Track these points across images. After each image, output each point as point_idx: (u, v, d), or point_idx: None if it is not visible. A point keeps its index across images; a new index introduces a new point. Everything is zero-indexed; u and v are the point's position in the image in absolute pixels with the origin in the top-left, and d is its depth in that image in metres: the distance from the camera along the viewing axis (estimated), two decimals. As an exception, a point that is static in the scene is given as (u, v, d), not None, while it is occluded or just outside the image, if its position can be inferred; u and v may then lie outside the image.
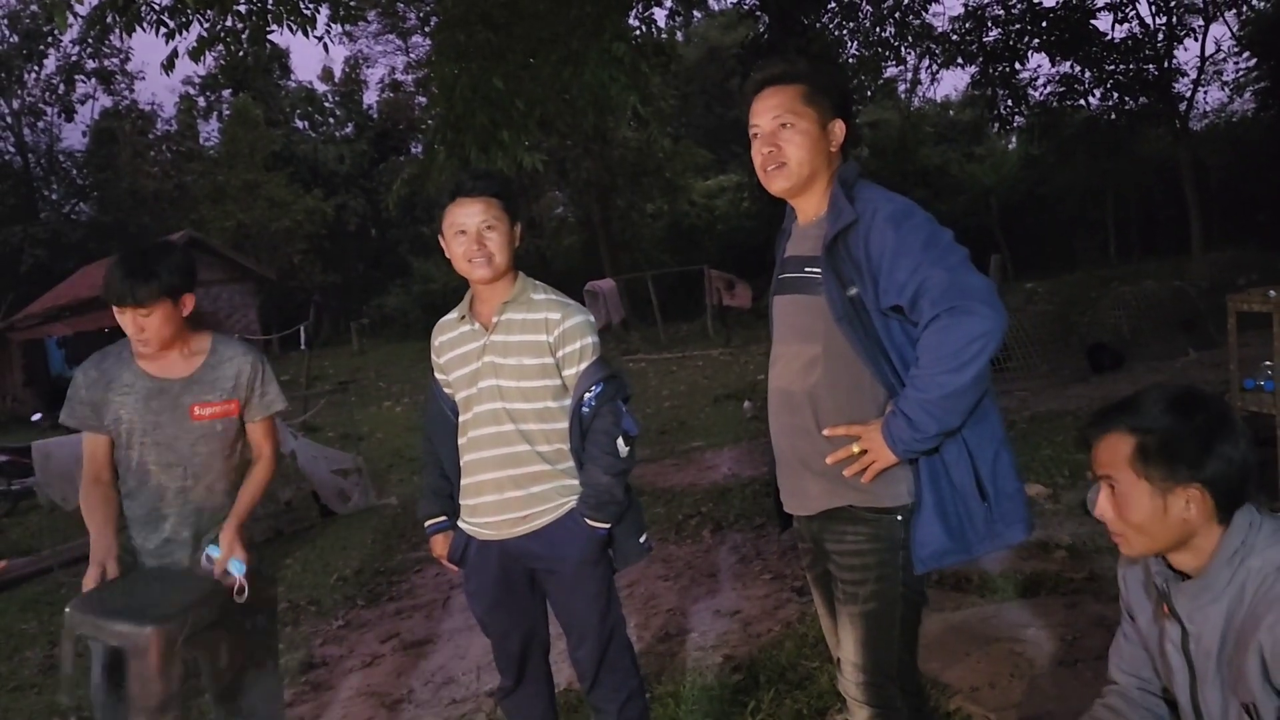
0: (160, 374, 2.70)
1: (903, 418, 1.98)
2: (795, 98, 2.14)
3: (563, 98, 7.44)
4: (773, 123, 2.16)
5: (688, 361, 15.81)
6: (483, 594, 2.74)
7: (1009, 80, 16.45)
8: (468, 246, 2.57)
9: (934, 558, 2.05)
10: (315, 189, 34.62)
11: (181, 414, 2.69)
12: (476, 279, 2.62)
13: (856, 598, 2.13)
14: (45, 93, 36.95)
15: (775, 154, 2.15)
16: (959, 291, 1.94)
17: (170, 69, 6.96)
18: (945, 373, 1.93)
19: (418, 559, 6.15)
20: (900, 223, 2.03)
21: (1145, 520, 1.69)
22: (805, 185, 2.18)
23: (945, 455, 2.04)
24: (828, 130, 2.15)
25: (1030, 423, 7.09)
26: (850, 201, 2.09)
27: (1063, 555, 4.34)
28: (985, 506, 2.05)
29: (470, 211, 2.55)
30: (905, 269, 1.98)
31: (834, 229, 2.08)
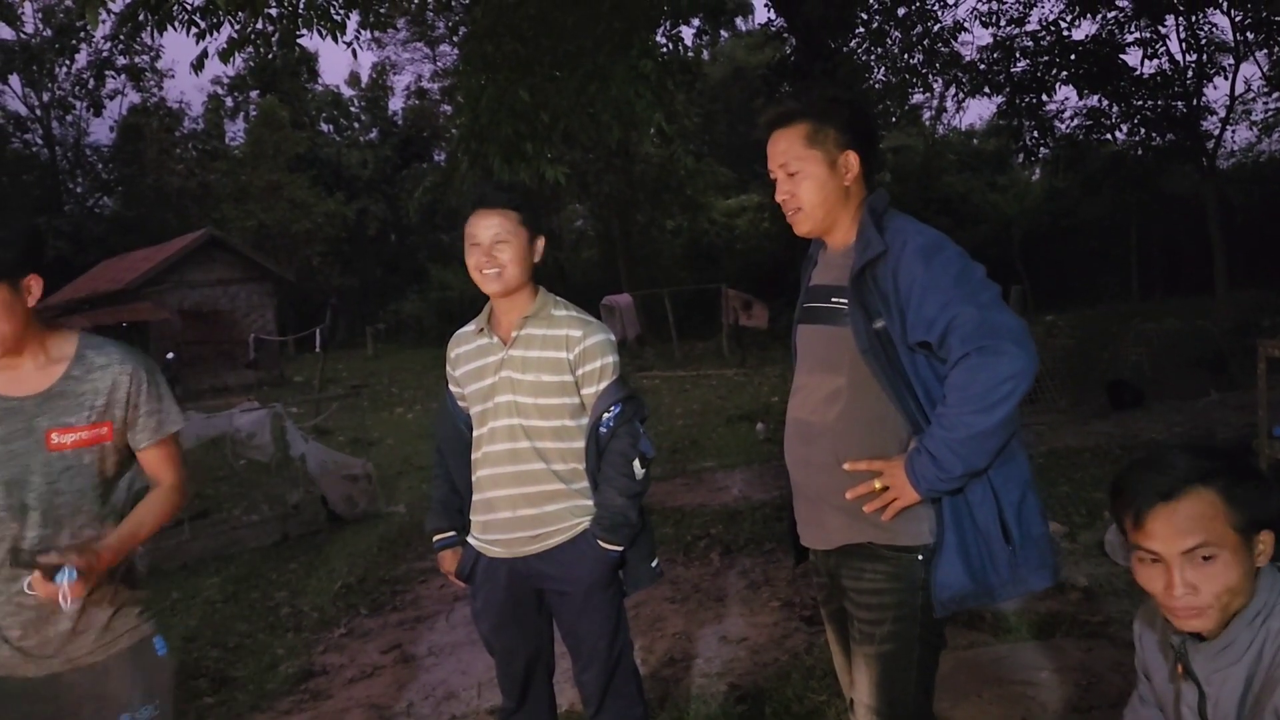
0: (5, 390, 2.04)
1: (928, 456, 1.92)
2: (798, 141, 2.11)
3: (588, 112, 7.43)
4: (781, 170, 2.14)
5: (702, 380, 15.75)
6: (489, 612, 2.69)
7: (1035, 111, 16.37)
8: (479, 258, 2.54)
9: (954, 600, 1.98)
10: (337, 192, 34.88)
11: (36, 441, 2.03)
12: (488, 291, 2.58)
13: (873, 638, 2.07)
14: (75, 87, 37.35)
15: (790, 200, 2.14)
16: (990, 330, 1.89)
17: (200, 69, 6.99)
18: (973, 413, 1.88)
19: (423, 569, 6.10)
20: (931, 256, 1.98)
21: (1239, 581, 1.57)
22: (828, 223, 2.15)
23: (970, 495, 1.98)
24: (838, 166, 2.10)
25: (1048, 458, 7.00)
26: (880, 232, 2.04)
27: (1079, 597, 4.26)
28: (1009, 550, 1.99)
29: (486, 224, 2.51)
30: (935, 304, 1.93)
31: (861, 260, 2.03)
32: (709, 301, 21.10)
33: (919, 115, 24.51)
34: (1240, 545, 1.56)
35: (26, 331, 2.04)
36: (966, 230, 23.40)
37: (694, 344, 21.07)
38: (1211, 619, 1.59)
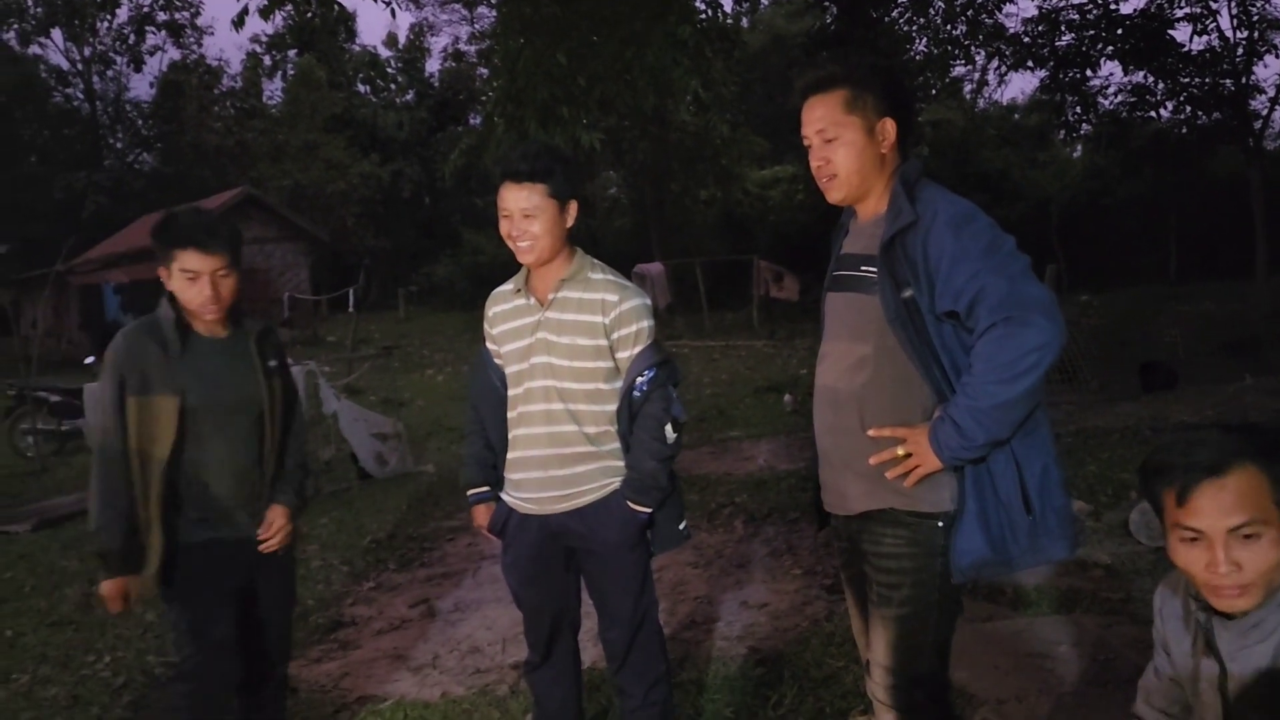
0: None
1: (951, 424, 1.94)
2: (837, 106, 2.10)
3: (624, 77, 7.42)
4: (818, 136, 2.13)
5: (731, 351, 15.76)
6: (519, 567, 2.76)
7: (1079, 87, 16.12)
8: (509, 230, 2.57)
9: (973, 568, 2.01)
10: (373, 154, 34.95)
11: None
12: (522, 261, 2.62)
13: (891, 601, 2.11)
14: (116, 42, 37.58)
15: (825, 166, 2.14)
16: (1018, 301, 1.90)
17: (240, 25, 7.06)
18: (998, 382, 1.90)
19: (451, 527, 6.20)
20: (961, 227, 1.98)
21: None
22: (862, 191, 2.15)
23: (992, 465, 2.00)
24: (875, 133, 2.11)
25: (1076, 437, 6.97)
26: (911, 201, 2.05)
27: (1100, 574, 4.27)
28: (1030, 520, 2.01)
29: (515, 196, 2.53)
30: (963, 274, 1.94)
31: (892, 229, 2.04)
32: (740, 272, 21.02)
33: (959, 88, 24.19)
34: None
35: None
36: (1004, 207, 23.11)
37: (724, 314, 21.04)
38: (1255, 596, 1.57)
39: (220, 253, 2.60)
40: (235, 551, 2.73)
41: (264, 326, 2.83)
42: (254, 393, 2.74)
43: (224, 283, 2.63)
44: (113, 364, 2.62)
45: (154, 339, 2.63)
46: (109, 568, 2.61)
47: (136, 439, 2.59)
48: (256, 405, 2.74)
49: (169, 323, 2.65)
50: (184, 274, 2.60)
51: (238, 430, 2.71)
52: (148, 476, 2.59)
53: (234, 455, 2.71)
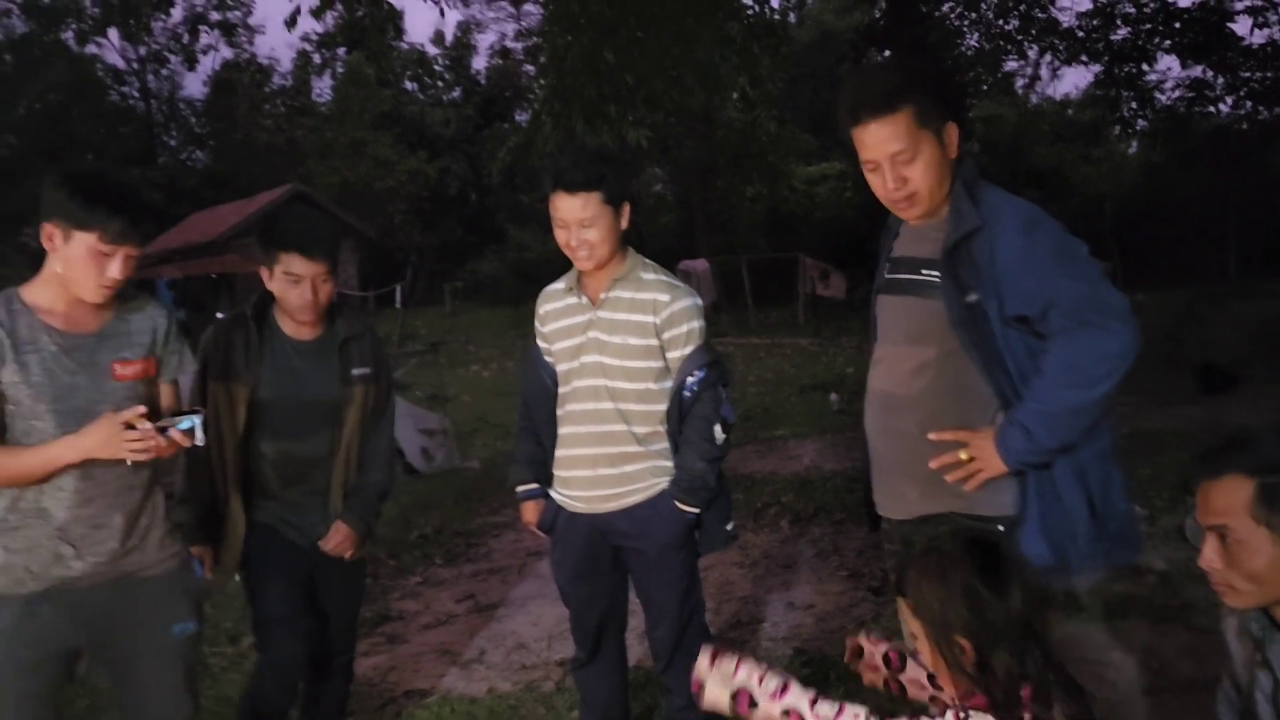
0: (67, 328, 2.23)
1: (1020, 429, 1.91)
2: (909, 125, 2.01)
3: (671, 74, 7.41)
4: (892, 158, 2.03)
5: (776, 349, 15.68)
6: (566, 564, 2.77)
7: (1135, 81, 15.75)
8: (567, 239, 2.57)
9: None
10: (420, 151, 35.21)
11: (101, 373, 2.24)
12: (579, 268, 2.63)
13: None
14: (170, 41, 38.27)
15: (904, 186, 2.05)
16: (1095, 306, 1.87)
17: (293, 25, 7.18)
18: (1071, 387, 1.86)
19: (497, 523, 6.23)
20: (1030, 230, 1.95)
21: (1264, 570, 1.58)
22: (940, 203, 2.09)
23: (1055, 470, 1.97)
24: (945, 142, 2.06)
25: (1131, 440, 6.83)
26: (974, 204, 2.01)
27: (1155, 580, 4.18)
28: (1093, 525, 1.98)
29: (569, 206, 2.52)
30: (1035, 279, 1.91)
31: (957, 233, 2.00)
32: (786, 270, 20.89)
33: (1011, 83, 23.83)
34: (1274, 540, 1.56)
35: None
36: (1057, 204, 22.69)
37: (769, 312, 20.94)
38: (1241, 597, 1.62)
39: (323, 259, 2.68)
40: (301, 546, 2.82)
41: (354, 333, 2.86)
42: (329, 396, 2.80)
43: (323, 288, 2.71)
44: (201, 350, 2.75)
45: (241, 331, 2.75)
46: (190, 538, 2.71)
47: (214, 421, 2.69)
48: (331, 409, 2.81)
49: (253, 317, 2.76)
50: (286, 276, 2.67)
51: (308, 430, 2.79)
52: (225, 457, 2.72)
53: (301, 452, 2.80)
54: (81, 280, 2.16)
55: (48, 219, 2.14)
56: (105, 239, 2.12)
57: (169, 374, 2.39)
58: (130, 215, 2.15)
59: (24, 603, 2.18)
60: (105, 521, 2.22)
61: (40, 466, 2.13)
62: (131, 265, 2.21)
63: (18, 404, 2.15)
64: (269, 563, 2.78)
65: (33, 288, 2.22)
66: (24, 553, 2.17)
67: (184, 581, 2.41)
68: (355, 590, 3.06)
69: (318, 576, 2.88)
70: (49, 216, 2.14)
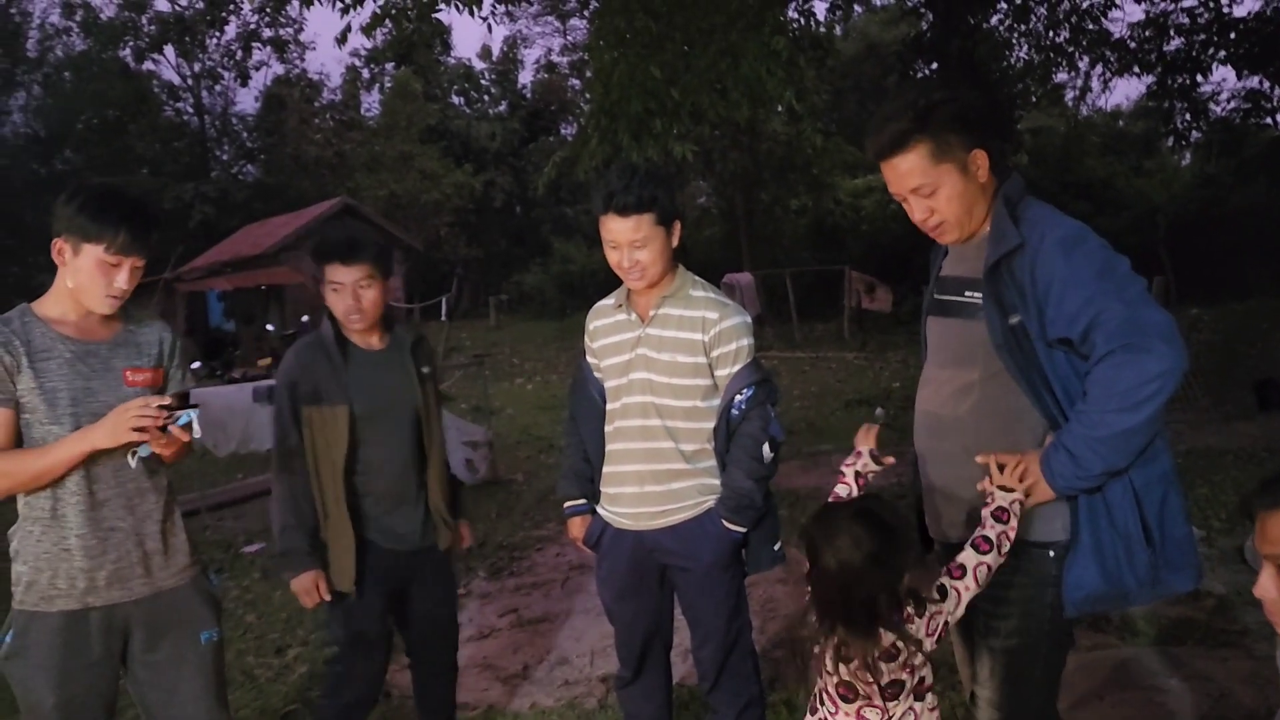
0: (83, 336, 2.30)
1: (1066, 453, 1.87)
2: (924, 160, 2.00)
3: (717, 89, 7.40)
4: (913, 194, 2.04)
5: (821, 362, 15.56)
6: (613, 581, 2.76)
7: (1189, 93, 15.48)
8: (619, 260, 2.57)
9: (1087, 602, 1.93)
10: (466, 164, 35.57)
11: (116, 379, 2.31)
12: (631, 288, 2.63)
13: (998, 632, 2.04)
14: (224, 58, 39.06)
15: (931, 217, 2.06)
16: (1137, 327, 1.82)
17: (343, 42, 7.27)
18: (1117, 411, 1.81)
19: (540, 537, 6.24)
20: (1071, 249, 1.90)
21: None
22: (975, 225, 2.07)
23: (1108, 494, 1.92)
24: (970, 170, 2.02)
25: (1187, 458, 6.68)
26: (1016, 223, 1.97)
27: (1213, 604, 4.07)
28: (1150, 552, 1.92)
29: (621, 228, 2.52)
30: (1076, 300, 1.86)
31: (996, 253, 1.96)
32: (831, 283, 20.74)
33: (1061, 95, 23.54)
34: None
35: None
36: (1107, 217, 22.35)
37: (814, 325, 20.80)
38: None
39: (359, 263, 2.79)
40: (393, 556, 2.91)
41: (416, 336, 3.03)
42: (411, 398, 2.93)
43: (365, 293, 2.81)
44: (284, 376, 2.85)
45: (320, 353, 2.85)
46: (295, 566, 2.81)
47: (314, 445, 2.80)
48: (413, 409, 2.93)
49: (329, 337, 2.85)
50: (331, 286, 2.80)
51: (397, 434, 2.90)
52: (328, 479, 2.80)
53: (393, 458, 2.90)
54: (90, 291, 2.23)
55: (58, 234, 2.22)
56: (111, 250, 2.19)
57: (174, 386, 2.45)
58: (135, 227, 2.21)
59: (58, 618, 2.22)
60: (119, 524, 2.26)
61: (52, 463, 2.17)
62: (139, 276, 2.28)
63: (34, 411, 2.20)
64: (369, 581, 2.86)
65: (45, 302, 2.29)
66: (49, 567, 2.21)
67: (206, 589, 2.46)
68: (451, 586, 3.17)
69: (415, 580, 2.98)
70: (59, 231, 2.21)
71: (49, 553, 2.21)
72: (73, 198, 2.20)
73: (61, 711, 2.21)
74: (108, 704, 2.31)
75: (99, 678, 2.27)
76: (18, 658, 2.21)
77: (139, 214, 2.23)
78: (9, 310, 2.28)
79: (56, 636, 2.21)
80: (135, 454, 2.24)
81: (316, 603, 2.84)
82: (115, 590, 2.26)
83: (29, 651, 2.21)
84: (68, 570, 2.21)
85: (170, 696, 2.35)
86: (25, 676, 2.22)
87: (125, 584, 2.27)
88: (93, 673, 2.25)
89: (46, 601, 2.21)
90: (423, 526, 2.96)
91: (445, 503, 3.01)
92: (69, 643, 2.22)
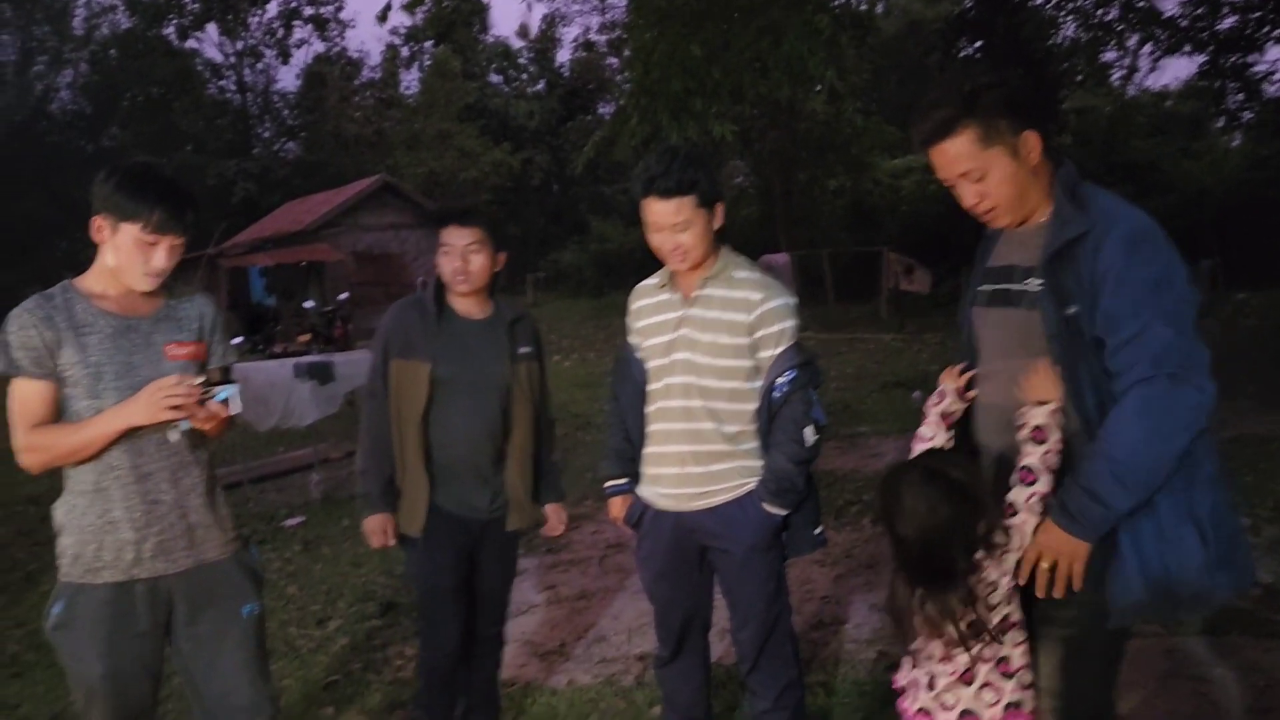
0: (125, 310, 2.31)
1: (1087, 496, 1.83)
2: (972, 146, 1.96)
3: (757, 67, 7.34)
4: (961, 179, 2.01)
5: (858, 344, 15.46)
6: (652, 561, 2.76)
7: (1241, 72, 15.14)
8: (661, 243, 2.56)
9: (1133, 610, 1.90)
10: (504, 142, 35.64)
11: (156, 353, 2.31)
12: (674, 270, 2.63)
13: (1055, 620, 2.00)
14: (265, 36, 39.39)
15: (982, 202, 2.01)
16: (1184, 359, 1.78)
17: (384, 19, 7.33)
18: (1149, 440, 1.79)
19: (577, 515, 6.25)
20: (1136, 246, 1.84)
21: None
22: (1029, 209, 2.03)
23: (1157, 505, 1.87)
24: (1020, 153, 1.97)
25: (1233, 445, 6.57)
26: (1080, 208, 1.92)
27: (1260, 594, 4.00)
28: (1205, 553, 1.86)
29: (663, 211, 2.51)
30: (1125, 304, 1.82)
31: (1059, 239, 1.91)
32: (869, 264, 20.57)
33: (1108, 75, 23.09)
34: None
35: None
36: (1153, 199, 21.94)
37: (851, 307, 20.65)
38: None
39: (471, 227, 2.88)
40: (464, 520, 2.98)
41: (518, 314, 3.08)
42: (501, 374, 2.97)
43: (474, 257, 2.89)
44: (382, 331, 2.98)
45: (417, 311, 2.95)
46: (370, 506, 2.93)
47: (395, 397, 2.91)
48: (502, 386, 2.98)
49: (429, 298, 2.95)
50: (442, 249, 2.89)
51: (479, 405, 2.95)
52: (405, 431, 2.90)
53: (474, 428, 2.95)
54: (130, 269, 2.25)
55: (97, 212, 2.23)
56: (148, 229, 2.20)
57: (216, 360, 2.47)
58: (171, 206, 2.22)
59: (104, 589, 2.26)
60: (162, 497, 2.29)
61: (90, 438, 2.19)
62: (178, 254, 2.30)
63: (76, 385, 2.22)
64: (442, 537, 2.95)
65: (87, 278, 2.31)
66: (94, 540, 2.25)
67: (247, 562, 2.49)
68: (510, 565, 3.24)
69: (479, 553, 3.05)
70: (98, 210, 2.23)
71: (94, 525, 2.25)
72: (109, 176, 2.21)
73: (109, 681, 2.25)
74: (154, 674, 2.36)
75: (145, 648, 2.31)
76: (66, 628, 2.26)
77: (174, 193, 2.23)
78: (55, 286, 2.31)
79: (103, 608, 2.25)
80: (176, 428, 2.27)
81: (383, 544, 2.95)
82: (160, 562, 2.29)
83: (76, 622, 2.25)
84: (113, 543, 2.25)
85: (212, 669, 2.39)
86: (73, 646, 2.26)
87: (169, 556, 2.30)
88: (139, 643, 2.29)
89: (92, 574, 2.25)
90: (493, 502, 3.01)
91: (525, 485, 3.05)
92: (116, 614, 2.26)
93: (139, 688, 2.31)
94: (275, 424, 6.96)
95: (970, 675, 1.96)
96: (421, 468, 2.90)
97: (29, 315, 2.20)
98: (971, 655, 1.93)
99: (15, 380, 2.21)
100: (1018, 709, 1.97)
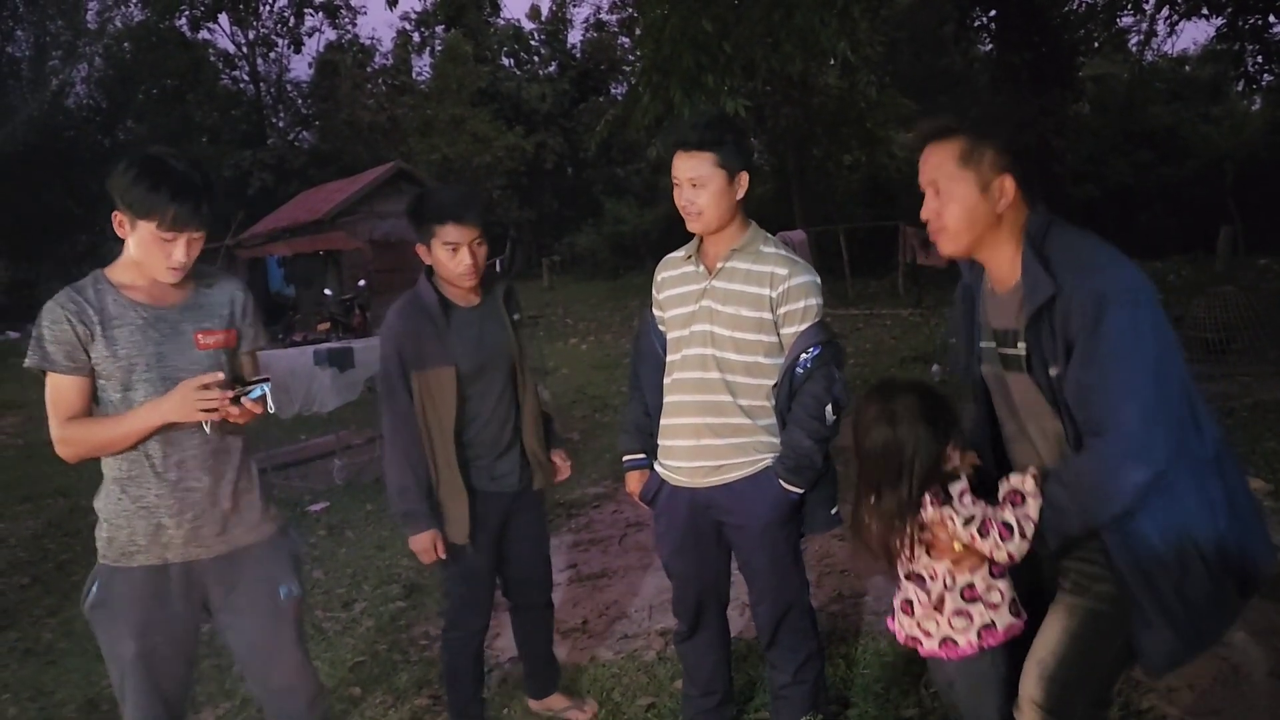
0: (153, 300, 2.34)
1: (1049, 507, 1.93)
2: (951, 158, 1.96)
3: (769, 41, 7.29)
4: (929, 187, 2.01)
5: (875, 320, 15.42)
6: (669, 537, 2.78)
7: (1261, 34, 14.89)
8: (678, 200, 2.57)
9: (1165, 660, 1.91)
10: (517, 126, 35.55)
11: (186, 342, 2.34)
12: (690, 229, 2.63)
13: (1087, 591, 1.97)
14: (277, 25, 39.38)
15: (935, 220, 2.01)
16: (1143, 445, 1.78)
17: (394, 5, 7.29)
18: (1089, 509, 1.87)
19: (596, 495, 6.30)
20: (1099, 320, 1.79)
21: None
22: (973, 248, 2.01)
23: (1160, 554, 1.86)
24: (991, 190, 1.94)
25: (1253, 411, 6.53)
26: (1046, 266, 1.87)
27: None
28: (1213, 580, 1.86)
29: (683, 165, 2.54)
30: (1093, 374, 1.80)
31: (1032, 305, 1.88)
32: (885, 239, 20.43)
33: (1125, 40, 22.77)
34: None
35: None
36: (1172, 165, 21.71)
37: (868, 282, 20.57)
38: None
39: (475, 223, 2.85)
40: (496, 499, 2.99)
41: (507, 287, 3.09)
42: (508, 348, 2.99)
43: (480, 251, 2.88)
44: (390, 340, 2.89)
45: (423, 316, 2.88)
46: (413, 526, 2.88)
47: (424, 408, 2.85)
48: (510, 359, 3.00)
49: (432, 299, 2.89)
50: (445, 246, 2.84)
51: (498, 386, 2.97)
52: (439, 441, 2.86)
53: (496, 408, 2.97)
54: (151, 263, 2.27)
55: (117, 207, 2.25)
56: (164, 227, 2.21)
57: (248, 345, 2.49)
58: (185, 203, 2.21)
59: (139, 572, 2.31)
60: (196, 484, 2.32)
61: (124, 433, 2.24)
62: (199, 246, 2.31)
63: (109, 377, 2.26)
64: (479, 527, 2.95)
65: (116, 268, 2.33)
66: (127, 524, 2.30)
67: (286, 545, 2.53)
68: (543, 527, 3.25)
69: (512, 520, 3.07)
70: (117, 204, 2.25)
71: (129, 511, 2.29)
72: (125, 173, 2.22)
73: (143, 660, 2.30)
74: (187, 655, 2.41)
75: (179, 629, 2.36)
76: (102, 608, 2.32)
77: (188, 190, 2.22)
78: (82, 278, 2.34)
79: (138, 590, 2.30)
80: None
81: (434, 560, 2.92)
82: (193, 548, 2.34)
83: (112, 603, 2.31)
84: (146, 528, 2.29)
85: (252, 651, 2.45)
86: (109, 626, 2.32)
87: (203, 542, 2.34)
88: (173, 624, 2.34)
89: (127, 557, 2.31)
90: (520, 469, 3.04)
91: (542, 444, 3.09)
92: (150, 596, 2.31)
93: (172, 668, 2.36)
94: (297, 411, 7.03)
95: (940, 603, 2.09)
96: (456, 474, 2.88)
97: (62, 310, 2.23)
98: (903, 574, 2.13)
99: (50, 374, 2.25)
100: (991, 629, 2.06)
